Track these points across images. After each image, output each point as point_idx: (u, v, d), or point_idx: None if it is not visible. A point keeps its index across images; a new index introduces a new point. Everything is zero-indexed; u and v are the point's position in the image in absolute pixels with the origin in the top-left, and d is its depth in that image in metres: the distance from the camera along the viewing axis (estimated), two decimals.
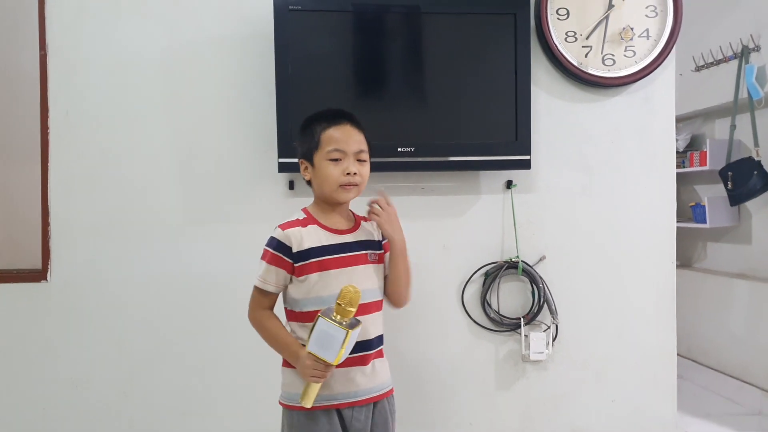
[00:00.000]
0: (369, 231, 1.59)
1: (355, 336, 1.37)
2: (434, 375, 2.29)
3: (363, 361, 1.50)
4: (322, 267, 1.48)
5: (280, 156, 2.08)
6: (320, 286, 1.48)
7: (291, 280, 1.51)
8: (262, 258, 1.51)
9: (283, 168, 2.10)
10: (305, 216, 1.54)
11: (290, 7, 2.07)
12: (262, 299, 1.53)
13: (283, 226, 1.51)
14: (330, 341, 1.34)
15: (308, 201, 2.22)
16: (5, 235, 2.57)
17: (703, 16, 3.67)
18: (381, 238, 1.60)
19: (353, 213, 1.63)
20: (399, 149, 2.12)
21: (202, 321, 2.22)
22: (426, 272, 2.22)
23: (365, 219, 1.62)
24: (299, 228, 1.50)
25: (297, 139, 1.59)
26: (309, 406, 1.42)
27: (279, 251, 1.49)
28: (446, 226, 2.30)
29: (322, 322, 1.35)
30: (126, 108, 2.18)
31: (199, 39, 2.19)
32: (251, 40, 2.19)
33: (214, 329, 2.22)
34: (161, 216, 2.20)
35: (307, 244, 1.48)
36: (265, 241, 1.52)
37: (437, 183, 2.30)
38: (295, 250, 1.48)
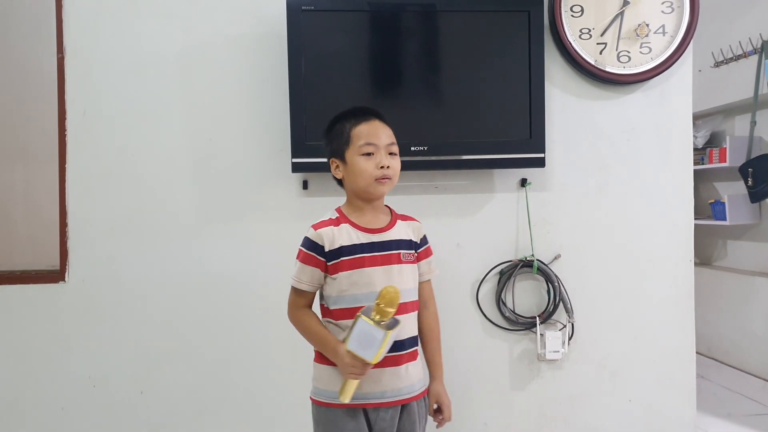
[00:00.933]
0: (405, 230, 1.57)
1: (393, 336, 1.37)
2: (448, 374, 2.23)
3: (394, 362, 1.49)
4: (354, 265, 1.48)
5: (293, 156, 2.09)
6: (352, 284, 1.48)
7: (325, 278, 1.52)
8: (297, 257, 1.52)
9: (296, 168, 2.11)
10: (338, 215, 1.55)
11: (303, 8, 2.07)
12: (299, 298, 1.54)
13: (316, 226, 1.52)
14: (369, 341, 1.34)
15: (322, 201, 2.25)
16: (25, 235, 2.62)
17: (722, 11, 3.62)
18: (417, 241, 1.59)
19: (392, 210, 1.61)
20: (412, 148, 2.12)
21: (218, 320, 2.23)
22: (440, 271, 2.16)
23: (404, 217, 1.60)
24: (331, 227, 1.50)
25: (324, 139, 1.58)
26: (347, 401, 1.42)
27: (312, 250, 1.50)
28: (460, 224, 2.29)
29: (362, 322, 1.35)
30: (142, 108, 2.21)
31: (214, 39, 2.21)
32: (265, 39, 2.20)
33: (230, 328, 2.24)
34: (177, 215, 2.22)
35: (339, 243, 1.49)
36: (301, 242, 1.53)
37: (451, 181, 2.29)
38: (327, 248, 1.49)
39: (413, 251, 1.57)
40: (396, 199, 2.20)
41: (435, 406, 1.59)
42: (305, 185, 2.23)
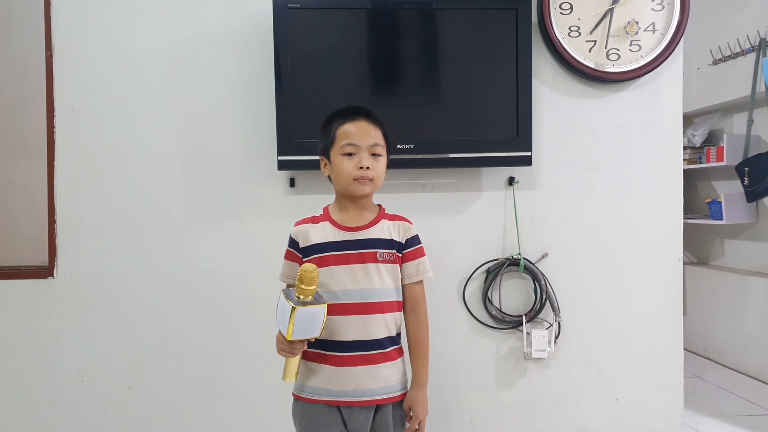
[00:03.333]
0: (388, 230, 1.56)
1: (310, 314, 1.37)
2: (435, 372, 2.23)
3: (368, 361, 1.49)
4: (323, 263, 1.50)
5: (279, 154, 2.10)
6: (324, 281, 1.49)
7: None
8: (285, 255, 1.60)
9: (282, 166, 2.11)
10: (321, 213, 1.59)
11: (289, 6, 2.08)
12: None
13: (297, 223, 1.59)
14: (283, 315, 1.38)
15: (309, 198, 2.26)
16: (13, 231, 2.64)
17: (720, 9, 3.59)
18: (402, 241, 1.57)
19: (381, 209, 1.61)
20: (399, 146, 2.12)
21: (205, 316, 2.25)
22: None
23: (393, 217, 1.60)
24: (309, 224, 1.57)
25: (318, 137, 1.61)
26: (287, 381, 1.48)
27: (291, 246, 1.58)
28: (447, 222, 2.29)
29: (280, 297, 1.41)
30: (130, 105, 2.22)
31: (201, 36, 2.22)
32: (252, 37, 2.21)
33: (217, 324, 2.25)
34: (165, 213, 2.23)
35: (312, 240, 1.53)
36: None
37: (438, 180, 2.29)
38: (301, 245, 1.55)
39: (394, 251, 1.55)
40: (382, 197, 2.19)
41: (410, 414, 1.56)
42: (292, 183, 2.24)
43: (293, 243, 1.57)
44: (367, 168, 1.49)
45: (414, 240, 1.59)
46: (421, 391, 1.56)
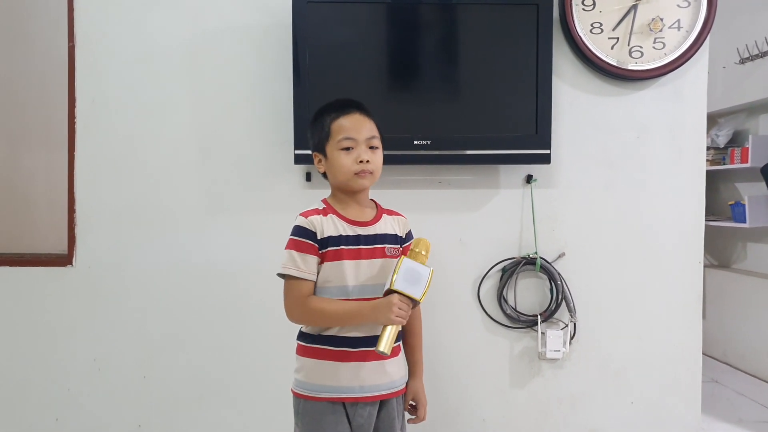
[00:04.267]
0: (391, 225, 1.56)
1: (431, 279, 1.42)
2: (448, 370, 2.28)
3: (374, 357, 1.47)
4: (337, 257, 1.48)
5: (296, 148, 2.10)
6: (334, 276, 1.48)
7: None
8: (287, 248, 1.48)
9: (299, 160, 2.11)
10: (324, 206, 1.54)
11: (308, 0, 2.07)
12: (303, 289, 1.47)
13: (305, 214, 1.51)
14: (416, 278, 1.38)
15: (325, 193, 2.23)
16: (35, 219, 2.68)
17: (748, 6, 3.52)
18: (403, 236, 1.58)
19: (377, 204, 1.61)
20: (416, 142, 2.11)
21: (221, 309, 2.26)
22: (441, 267, 2.18)
23: (390, 212, 1.60)
24: (320, 216, 1.50)
25: (308, 132, 1.59)
26: (389, 352, 1.39)
27: (307, 238, 1.47)
28: (463, 220, 2.28)
29: (407, 261, 1.40)
30: (149, 97, 2.23)
31: (221, 29, 2.23)
32: (271, 30, 2.21)
33: (232, 317, 2.26)
34: (182, 204, 2.25)
35: (328, 233, 1.49)
36: (291, 232, 1.50)
37: (455, 176, 2.27)
38: (318, 236, 1.47)
39: (398, 246, 1.56)
40: (399, 193, 2.22)
41: (412, 403, 1.60)
42: (308, 177, 2.24)
43: (308, 233, 1.47)
44: (367, 161, 1.47)
45: (410, 234, 1.62)
46: (420, 380, 1.62)
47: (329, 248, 1.48)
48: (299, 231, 1.48)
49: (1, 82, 2.68)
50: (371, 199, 1.61)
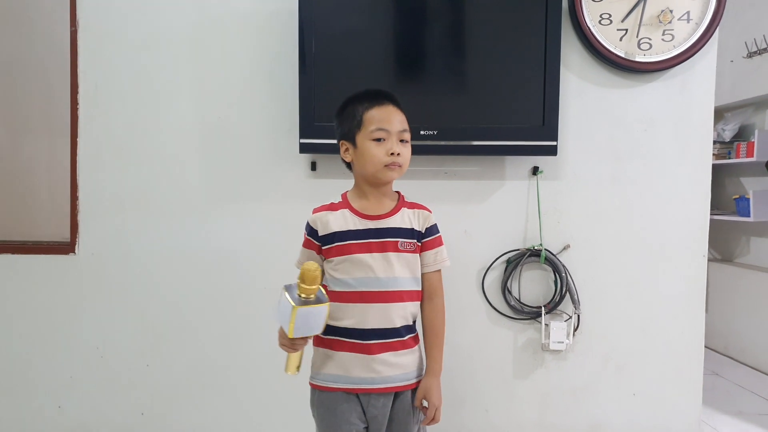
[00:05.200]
0: (409, 218, 1.54)
1: (311, 314, 1.34)
2: (451, 360, 2.24)
3: (384, 348, 1.48)
4: (344, 251, 1.48)
5: (301, 137, 2.08)
6: (343, 270, 1.48)
7: (323, 261, 1.54)
8: (302, 242, 1.58)
9: (304, 149, 2.10)
10: (341, 200, 1.55)
11: None
12: None
13: (315, 210, 1.56)
14: (284, 314, 1.35)
15: (330, 183, 2.25)
16: (37, 207, 2.67)
17: (756, 1, 3.48)
18: (422, 230, 1.55)
19: (401, 196, 1.59)
20: (422, 132, 2.09)
21: (224, 296, 2.26)
22: (447, 258, 2.20)
23: (413, 205, 1.58)
24: (327, 212, 1.53)
25: (335, 120, 1.56)
26: (290, 373, 1.43)
27: (309, 235, 1.55)
28: (469, 211, 2.27)
29: (281, 294, 1.36)
30: (153, 83, 2.22)
31: (225, 14, 2.20)
32: (277, 16, 2.18)
33: (235, 305, 2.26)
34: (185, 192, 2.24)
35: (332, 228, 1.50)
36: None
37: (460, 167, 2.26)
38: (320, 233, 1.52)
39: (414, 240, 1.53)
40: (404, 183, 2.19)
41: (424, 403, 1.55)
42: (313, 166, 2.22)
43: (311, 231, 1.54)
44: (398, 154, 1.47)
45: (433, 229, 1.58)
46: (435, 378, 1.55)
47: (336, 243, 1.49)
48: (306, 228, 1.57)
49: (2, 67, 2.65)
50: (396, 191, 1.60)
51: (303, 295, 1.33)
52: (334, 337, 1.50)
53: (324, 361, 1.52)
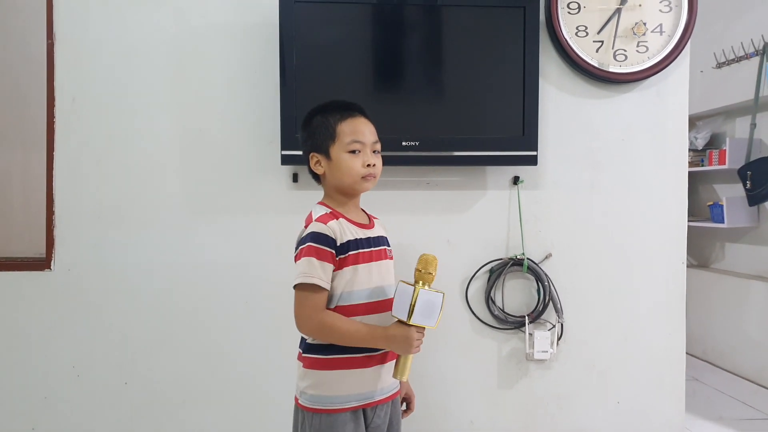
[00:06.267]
0: (381, 226, 1.57)
1: (432, 300, 1.38)
2: (436, 371, 2.27)
3: (390, 357, 1.46)
4: (356, 261, 1.43)
5: (283, 148, 2.07)
6: (351, 281, 1.42)
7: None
8: (306, 255, 1.38)
9: (286, 160, 2.09)
10: (330, 210, 1.47)
11: None
12: (319, 299, 1.39)
13: (321, 219, 1.42)
14: (430, 308, 1.36)
15: (312, 194, 2.18)
16: (10, 222, 2.61)
17: (724, 12, 3.58)
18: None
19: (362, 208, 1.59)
20: (403, 143, 2.10)
21: (204, 311, 2.22)
22: None
23: (372, 215, 1.60)
24: (335, 220, 1.42)
25: (303, 132, 1.52)
26: (403, 379, 1.42)
27: (327, 245, 1.39)
28: (451, 221, 2.27)
29: (423, 293, 1.35)
30: (132, 96, 2.19)
31: (205, 27, 2.19)
32: (257, 29, 2.18)
33: (216, 320, 2.22)
34: (165, 206, 2.20)
35: (347, 237, 1.42)
36: (306, 238, 1.40)
37: (442, 177, 2.27)
38: (338, 242, 1.40)
39: (391, 248, 1.56)
40: (387, 194, 2.21)
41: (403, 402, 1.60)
42: (295, 178, 2.21)
43: (329, 240, 1.38)
44: (374, 165, 1.46)
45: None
46: None
47: (350, 252, 1.42)
48: (319, 238, 1.38)
49: None
50: None
51: (430, 285, 1.37)
52: (340, 355, 1.42)
53: (329, 383, 1.43)
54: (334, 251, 1.39)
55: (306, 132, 1.51)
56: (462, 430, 2.29)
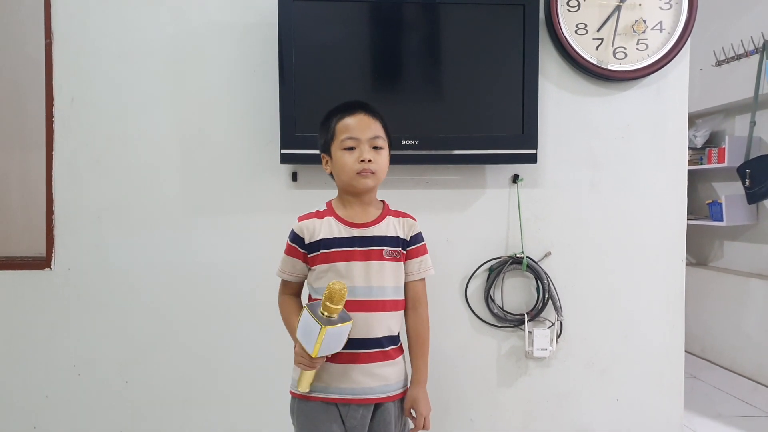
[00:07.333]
0: (393, 227, 1.54)
1: (338, 333, 1.36)
2: (435, 369, 2.22)
3: (364, 359, 1.47)
4: (329, 259, 1.48)
5: (282, 147, 2.07)
6: (329, 278, 1.47)
7: (308, 269, 1.54)
8: (284, 251, 1.57)
9: (285, 159, 2.09)
10: (326, 208, 1.55)
11: None
12: (283, 287, 1.61)
13: (300, 218, 1.55)
14: (309, 333, 1.36)
15: (312, 193, 2.24)
16: (9, 222, 2.61)
17: (724, 10, 3.58)
18: (407, 238, 1.55)
19: (385, 205, 1.59)
20: (403, 142, 2.10)
21: (204, 310, 2.22)
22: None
23: (398, 213, 1.58)
24: (314, 220, 1.52)
25: (319, 135, 1.59)
26: (304, 391, 1.45)
27: (293, 242, 1.53)
28: (450, 220, 2.27)
29: (304, 314, 1.38)
30: (131, 96, 2.18)
31: (204, 27, 2.19)
32: (256, 29, 2.17)
33: (216, 318, 2.22)
34: (165, 205, 2.20)
35: (319, 236, 1.49)
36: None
37: (442, 176, 2.27)
38: (307, 240, 1.50)
39: (399, 248, 1.54)
40: (386, 193, 2.17)
41: (413, 413, 1.55)
42: (294, 177, 2.21)
43: (297, 238, 1.52)
44: (369, 161, 1.47)
45: (418, 237, 1.58)
46: (421, 388, 1.56)
47: (321, 251, 1.49)
48: (291, 236, 1.55)
49: None
50: (381, 200, 1.60)
51: (326, 314, 1.34)
52: None
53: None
54: (302, 249, 1.52)
55: (318, 134, 1.57)
56: (462, 427, 2.30)
